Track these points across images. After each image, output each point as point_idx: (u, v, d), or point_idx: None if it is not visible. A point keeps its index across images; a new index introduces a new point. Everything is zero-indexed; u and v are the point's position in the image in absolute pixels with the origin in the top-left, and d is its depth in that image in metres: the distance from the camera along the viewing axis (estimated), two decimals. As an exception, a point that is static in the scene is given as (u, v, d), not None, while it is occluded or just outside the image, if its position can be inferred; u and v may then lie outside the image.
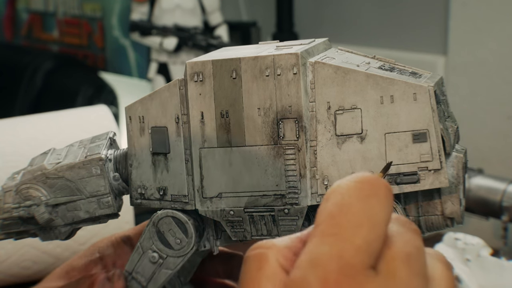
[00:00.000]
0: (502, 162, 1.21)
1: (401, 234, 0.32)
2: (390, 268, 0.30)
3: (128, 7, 1.85)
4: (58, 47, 2.32)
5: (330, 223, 0.31)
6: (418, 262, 0.31)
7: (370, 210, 0.31)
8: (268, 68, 0.43)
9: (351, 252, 0.30)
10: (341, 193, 0.31)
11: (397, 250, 0.31)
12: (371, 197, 0.31)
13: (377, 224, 0.31)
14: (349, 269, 0.29)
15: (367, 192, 0.31)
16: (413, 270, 0.31)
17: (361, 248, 0.30)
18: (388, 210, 0.31)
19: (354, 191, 0.31)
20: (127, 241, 0.52)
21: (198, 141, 0.45)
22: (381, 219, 0.31)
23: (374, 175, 0.32)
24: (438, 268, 0.33)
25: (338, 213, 0.31)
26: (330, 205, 0.31)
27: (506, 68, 1.21)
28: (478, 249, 0.75)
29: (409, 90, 0.42)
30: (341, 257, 0.29)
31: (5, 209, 0.48)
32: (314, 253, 0.30)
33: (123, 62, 2.10)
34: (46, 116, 0.87)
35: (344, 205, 0.31)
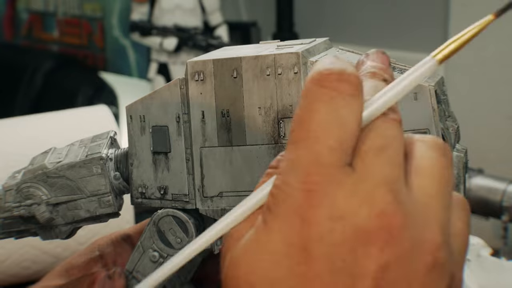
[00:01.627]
0: (502, 162, 1.21)
1: (377, 126, 0.32)
2: (365, 162, 0.31)
3: (128, 7, 1.85)
4: (58, 47, 2.32)
5: (301, 128, 0.32)
6: (393, 152, 0.32)
7: (337, 111, 0.31)
8: (269, 67, 0.43)
9: (325, 153, 0.31)
10: (308, 98, 0.32)
11: (371, 143, 0.32)
12: (336, 99, 0.32)
13: (345, 123, 0.31)
14: (326, 169, 0.31)
15: (331, 94, 0.32)
16: (387, 161, 0.31)
17: (334, 147, 0.31)
18: (356, 107, 0.32)
19: (319, 95, 0.32)
20: (127, 239, 0.52)
21: (198, 140, 0.45)
22: (349, 118, 0.31)
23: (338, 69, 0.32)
24: (429, 157, 0.33)
25: (307, 118, 0.32)
26: (300, 111, 0.32)
27: (506, 68, 1.21)
28: (478, 249, 0.75)
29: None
30: (316, 159, 0.31)
31: (6, 208, 0.48)
32: (291, 158, 0.31)
33: (123, 62, 2.10)
34: (46, 116, 0.87)
35: (312, 110, 0.32)
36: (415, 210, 0.31)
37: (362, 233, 0.30)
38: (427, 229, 0.31)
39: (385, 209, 0.30)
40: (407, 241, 0.30)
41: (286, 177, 0.31)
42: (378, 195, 0.30)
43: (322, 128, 0.31)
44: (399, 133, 0.33)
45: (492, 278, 0.73)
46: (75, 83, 1.85)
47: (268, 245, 0.31)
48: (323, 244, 0.30)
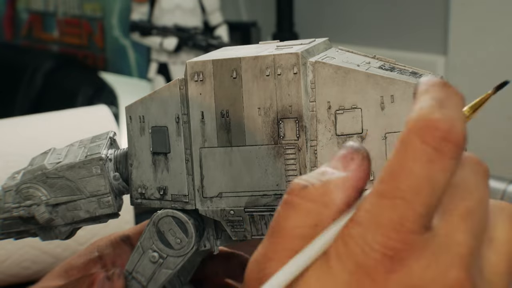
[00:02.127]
0: (502, 162, 1.21)
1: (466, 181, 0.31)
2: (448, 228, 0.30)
3: (128, 7, 1.85)
4: (58, 47, 2.32)
5: (391, 184, 0.30)
6: (478, 219, 0.30)
7: (432, 176, 0.29)
8: (268, 67, 0.43)
9: (411, 219, 0.29)
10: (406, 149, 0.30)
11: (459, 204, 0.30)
12: (434, 162, 0.29)
13: (437, 188, 0.29)
14: (409, 236, 0.29)
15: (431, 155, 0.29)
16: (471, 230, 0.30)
17: (421, 214, 0.29)
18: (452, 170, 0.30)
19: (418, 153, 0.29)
20: (126, 240, 0.52)
21: (198, 141, 0.45)
22: (442, 184, 0.30)
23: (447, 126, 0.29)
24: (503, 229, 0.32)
25: (399, 174, 0.30)
26: (394, 163, 0.30)
27: (506, 68, 1.21)
28: (478, 249, 0.75)
29: (410, 90, 0.42)
30: (401, 223, 0.29)
31: (5, 209, 0.48)
32: (374, 213, 0.30)
33: (123, 62, 2.10)
34: (46, 116, 0.87)
35: (406, 167, 0.29)
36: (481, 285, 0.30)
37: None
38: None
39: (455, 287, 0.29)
40: None
41: (366, 232, 0.30)
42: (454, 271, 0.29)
43: (413, 191, 0.29)
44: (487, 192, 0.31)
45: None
46: (75, 83, 1.85)
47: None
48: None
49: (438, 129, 0.29)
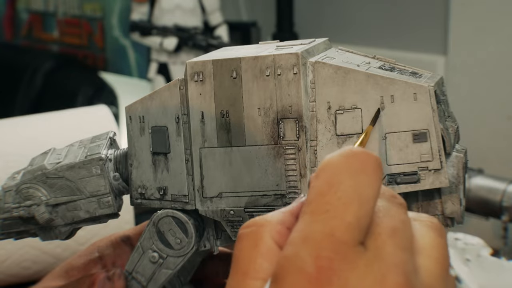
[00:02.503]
0: (502, 162, 1.21)
1: (387, 209, 0.33)
2: (378, 243, 0.31)
3: (128, 7, 1.85)
4: (58, 47, 2.32)
5: (321, 201, 0.31)
6: (404, 236, 0.32)
7: (359, 187, 0.31)
8: (268, 68, 0.43)
9: (342, 229, 0.30)
10: (331, 170, 0.32)
11: (384, 225, 0.32)
12: (359, 174, 0.32)
13: (366, 201, 0.31)
14: (340, 246, 0.30)
15: (356, 168, 0.32)
16: (399, 244, 0.31)
17: (352, 225, 0.31)
18: (377, 185, 0.32)
19: (343, 168, 0.32)
20: (126, 240, 0.52)
21: (198, 141, 0.45)
22: (370, 195, 0.31)
23: (363, 150, 0.33)
24: (429, 237, 0.33)
25: (327, 191, 0.31)
26: (320, 183, 0.32)
27: (506, 68, 1.21)
28: (478, 249, 0.75)
29: (410, 90, 0.42)
30: (332, 234, 0.30)
31: (5, 209, 0.48)
32: (306, 230, 0.31)
33: (123, 62, 2.10)
34: (46, 116, 0.87)
35: (334, 183, 0.31)
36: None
37: None
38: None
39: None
40: None
41: (297, 249, 0.31)
42: (391, 277, 0.30)
43: (343, 203, 0.31)
44: (407, 218, 0.33)
45: (492, 278, 0.73)
46: (75, 83, 1.85)
47: None
48: None
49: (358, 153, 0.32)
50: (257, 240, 0.33)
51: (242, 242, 0.33)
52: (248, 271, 0.32)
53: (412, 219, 0.34)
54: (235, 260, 0.33)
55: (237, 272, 0.33)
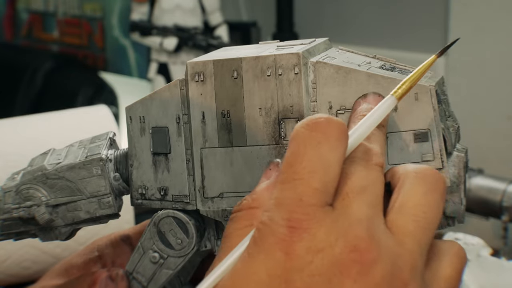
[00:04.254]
0: (502, 162, 1.21)
1: (358, 170, 0.36)
2: (344, 203, 0.35)
3: (128, 7, 1.85)
4: (58, 47, 2.32)
5: (289, 171, 0.35)
6: (372, 193, 0.35)
7: (322, 155, 0.35)
8: (269, 68, 0.43)
9: (309, 194, 0.34)
10: (297, 141, 0.35)
11: (352, 185, 0.35)
12: (322, 143, 0.35)
13: (329, 167, 0.35)
14: (309, 209, 0.34)
15: (318, 138, 0.35)
16: (365, 201, 0.35)
17: (318, 189, 0.34)
18: (340, 151, 0.35)
19: (307, 139, 0.35)
20: (126, 240, 0.52)
21: (199, 141, 0.45)
22: (333, 161, 0.35)
23: (326, 118, 0.36)
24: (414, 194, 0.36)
25: (294, 162, 0.35)
26: (288, 154, 0.36)
27: (506, 68, 1.21)
28: (478, 249, 0.75)
29: (411, 90, 0.42)
30: (300, 199, 0.34)
31: (5, 210, 0.48)
32: (278, 197, 0.35)
33: (123, 62, 2.10)
34: (46, 116, 0.87)
35: (299, 153, 0.35)
36: (390, 247, 0.34)
37: (338, 265, 0.33)
38: (398, 266, 0.34)
39: (358, 244, 0.33)
40: (379, 274, 0.33)
41: (272, 214, 0.34)
42: (353, 231, 0.34)
43: (308, 171, 0.35)
44: (379, 176, 0.36)
45: (492, 278, 0.73)
46: (75, 83, 1.85)
47: (253, 276, 0.34)
48: (303, 275, 0.33)
49: (321, 119, 0.36)
50: (253, 220, 0.36)
51: (235, 222, 0.37)
52: None
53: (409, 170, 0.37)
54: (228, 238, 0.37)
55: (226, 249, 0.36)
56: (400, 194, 0.36)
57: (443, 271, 0.36)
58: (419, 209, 0.35)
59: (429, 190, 0.36)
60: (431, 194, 0.36)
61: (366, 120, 0.38)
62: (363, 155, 0.37)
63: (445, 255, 0.36)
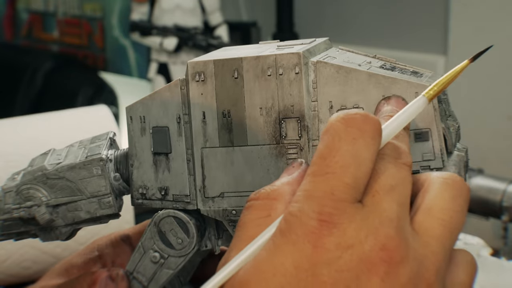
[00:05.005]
0: (502, 162, 1.21)
1: (389, 168, 0.35)
2: (374, 200, 0.34)
3: (128, 7, 1.85)
4: (58, 47, 2.32)
5: (322, 164, 0.34)
6: (402, 193, 0.35)
7: (356, 151, 0.34)
8: (270, 67, 0.43)
9: (340, 189, 0.34)
10: (332, 134, 0.35)
11: (382, 183, 0.35)
12: (356, 139, 0.35)
13: (362, 163, 0.34)
14: (340, 203, 0.33)
15: (353, 133, 0.35)
16: (395, 200, 0.34)
17: (349, 185, 0.34)
18: (373, 148, 0.35)
19: (342, 133, 0.35)
20: (126, 240, 0.52)
21: (199, 141, 0.45)
22: (366, 158, 0.34)
23: (363, 114, 0.35)
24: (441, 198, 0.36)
25: (327, 155, 0.35)
26: (322, 147, 0.35)
27: (506, 68, 1.21)
28: (478, 249, 0.75)
29: (411, 89, 0.42)
30: (332, 193, 0.34)
31: (6, 210, 0.48)
32: (309, 189, 0.34)
33: (123, 62, 2.10)
34: (46, 116, 0.87)
35: (333, 148, 0.35)
36: (416, 248, 0.34)
37: (366, 262, 0.33)
38: (424, 267, 0.34)
39: (387, 243, 0.33)
40: (406, 275, 0.33)
41: (302, 205, 0.34)
42: (383, 229, 0.33)
43: (341, 166, 0.34)
44: (408, 175, 0.36)
45: (492, 278, 0.73)
46: (75, 83, 1.85)
47: (279, 266, 0.33)
48: (331, 270, 0.33)
49: (358, 115, 0.35)
50: (271, 211, 0.36)
51: (252, 211, 0.36)
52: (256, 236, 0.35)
53: (436, 176, 0.37)
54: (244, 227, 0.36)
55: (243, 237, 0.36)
56: (426, 197, 0.36)
57: (459, 277, 0.36)
58: (446, 213, 0.35)
59: (456, 195, 0.36)
60: (458, 199, 0.36)
61: (396, 119, 0.38)
62: (392, 153, 0.36)
63: (461, 263, 0.36)
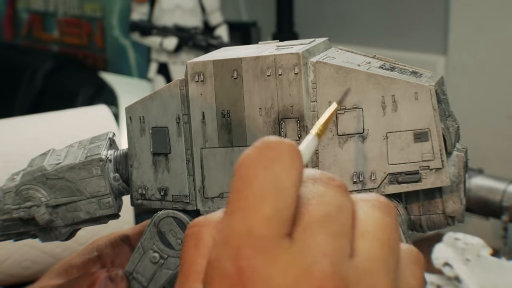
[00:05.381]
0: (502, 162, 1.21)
1: (319, 194, 0.30)
2: (306, 234, 0.29)
3: (128, 7, 1.85)
4: (58, 47, 2.32)
5: (237, 199, 0.29)
6: (338, 221, 0.30)
7: (275, 177, 0.29)
8: (269, 68, 0.43)
9: (260, 224, 0.28)
10: (245, 164, 0.30)
11: (313, 212, 0.29)
12: (274, 164, 0.29)
13: (283, 190, 0.29)
14: (260, 242, 0.28)
15: (270, 158, 0.29)
16: (331, 232, 0.29)
17: (270, 217, 0.28)
18: (295, 173, 0.30)
19: (257, 161, 0.30)
20: (125, 240, 0.52)
21: (199, 141, 0.45)
22: (287, 184, 0.29)
23: (277, 138, 0.30)
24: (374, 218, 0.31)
25: (243, 187, 0.29)
26: (236, 179, 0.30)
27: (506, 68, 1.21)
28: (478, 249, 0.75)
29: (410, 90, 0.42)
30: (250, 231, 0.28)
31: (5, 210, 0.48)
32: (225, 231, 0.29)
33: (123, 62, 2.10)
34: (46, 116, 0.87)
35: (248, 177, 0.29)
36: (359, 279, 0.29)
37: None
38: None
39: (324, 284, 0.28)
40: None
41: (218, 252, 0.29)
42: (317, 269, 0.28)
43: (258, 196, 0.29)
44: (345, 199, 0.31)
45: (492, 278, 0.73)
46: (75, 83, 1.85)
47: None
48: None
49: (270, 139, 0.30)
50: (198, 240, 0.31)
51: (185, 243, 0.32)
52: (189, 273, 0.30)
53: (359, 200, 0.32)
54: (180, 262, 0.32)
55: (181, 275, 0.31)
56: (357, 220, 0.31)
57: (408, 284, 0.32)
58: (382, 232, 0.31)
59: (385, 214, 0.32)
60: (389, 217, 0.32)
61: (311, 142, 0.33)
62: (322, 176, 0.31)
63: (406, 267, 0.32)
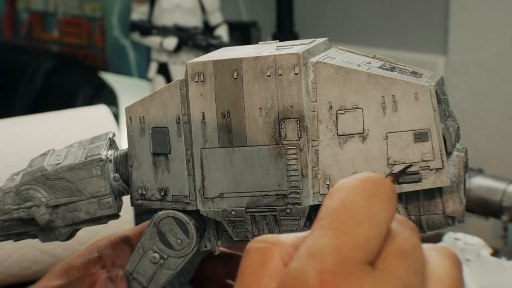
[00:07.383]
0: (502, 162, 1.21)
1: (399, 232, 0.32)
2: (386, 264, 0.31)
3: (128, 7, 1.85)
4: (58, 47, 2.32)
5: (332, 218, 0.31)
6: (414, 259, 0.31)
7: (372, 209, 0.31)
8: (269, 68, 0.43)
9: (349, 247, 0.30)
10: (346, 190, 0.32)
11: (394, 246, 0.31)
12: (374, 197, 0.31)
13: (377, 223, 0.31)
14: (346, 263, 0.30)
15: (371, 191, 0.32)
16: (409, 267, 0.31)
17: (360, 243, 0.30)
18: (390, 211, 0.32)
19: (358, 190, 0.32)
20: (126, 241, 0.52)
21: (199, 142, 0.45)
22: (382, 219, 0.31)
23: (380, 176, 0.33)
24: (444, 265, 0.33)
25: (340, 209, 0.31)
26: (334, 201, 0.31)
27: (506, 68, 1.21)
28: (478, 249, 0.75)
29: (411, 90, 0.42)
30: (339, 250, 0.30)
31: (5, 211, 0.48)
32: (313, 245, 0.30)
33: (123, 62, 2.10)
34: (46, 116, 0.87)
35: (347, 202, 0.31)
36: None
37: None
38: None
39: None
40: None
41: (303, 261, 0.30)
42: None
43: (353, 222, 0.31)
44: (419, 242, 0.33)
45: (492, 278, 0.73)
46: (75, 83, 1.85)
47: None
48: None
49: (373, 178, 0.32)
50: (266, 258, 0.32)
51: (250, 256, 0.33)
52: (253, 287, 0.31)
53: (428, 248, 0.34)
54: (241, 274, 0.32)
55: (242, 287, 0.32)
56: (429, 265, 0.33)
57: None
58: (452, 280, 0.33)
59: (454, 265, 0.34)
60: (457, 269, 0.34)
61: None
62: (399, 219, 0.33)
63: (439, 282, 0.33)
